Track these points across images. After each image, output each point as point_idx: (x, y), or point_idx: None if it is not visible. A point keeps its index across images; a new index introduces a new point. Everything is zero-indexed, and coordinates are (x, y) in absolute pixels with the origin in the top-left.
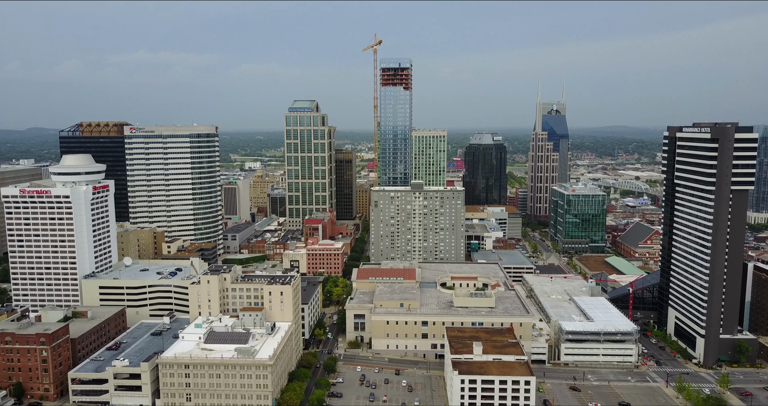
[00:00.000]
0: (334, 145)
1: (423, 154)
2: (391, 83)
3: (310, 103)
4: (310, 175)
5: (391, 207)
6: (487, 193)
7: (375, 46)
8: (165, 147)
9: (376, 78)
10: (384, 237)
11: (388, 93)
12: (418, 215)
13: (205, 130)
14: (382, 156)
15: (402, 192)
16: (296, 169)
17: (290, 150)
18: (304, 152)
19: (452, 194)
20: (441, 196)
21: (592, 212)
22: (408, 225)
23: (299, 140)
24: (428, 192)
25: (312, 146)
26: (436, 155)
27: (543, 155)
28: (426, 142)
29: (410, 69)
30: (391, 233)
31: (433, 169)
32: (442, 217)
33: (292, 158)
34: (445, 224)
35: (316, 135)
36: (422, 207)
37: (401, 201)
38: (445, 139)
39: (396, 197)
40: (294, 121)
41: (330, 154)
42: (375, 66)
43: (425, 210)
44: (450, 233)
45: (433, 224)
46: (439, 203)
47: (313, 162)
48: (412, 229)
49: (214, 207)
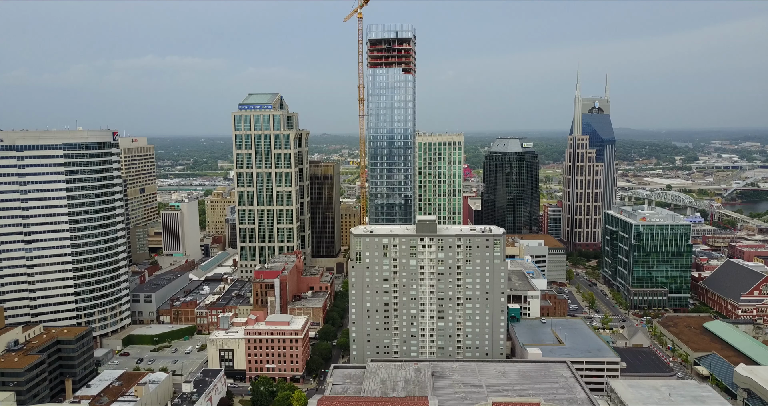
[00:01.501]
0: (306, 155)
1: (431, 167)
2: (384, 63)
3: (270, 98)
4: (270, 200)
5: (384, 262)
6: (514, 215)
7: (359, 10)
8: (21, 164)
9: (361, 56)
10: (372, 314)
11: (380, 78)
12: (430, 276)
13: (92, 138)
14: (372, 171)
15: (402, 237)
16: (249, 192)
17: (241, 164)
18: (260, 167)
19: (485, 241)
20: (467, 244)
21: (672, 249)
22: (412, 292)
23: (253, 150)
24: (446, 237)
25: (273, 158)
26: (449, 169)
27: (583, 166)
28: (435, 151)
29: (413, 42)
30: (385, 306)
31: (444, 189)
32: (470, 279)
33: (243, 177)
34: (474, 290)
35: (278, 142)
36: (436, 262)
37: (401, 251)
38: (461, 146)
39: (393, 246)
40: (246, 122)
41: (300, 168)
42: (359, 38)
43: (441, 267)
44: (483, 305)
45: (455, 291)
46: (463, 255)
47: (274, 181)
48: (420, 299)
49: (110, 251)
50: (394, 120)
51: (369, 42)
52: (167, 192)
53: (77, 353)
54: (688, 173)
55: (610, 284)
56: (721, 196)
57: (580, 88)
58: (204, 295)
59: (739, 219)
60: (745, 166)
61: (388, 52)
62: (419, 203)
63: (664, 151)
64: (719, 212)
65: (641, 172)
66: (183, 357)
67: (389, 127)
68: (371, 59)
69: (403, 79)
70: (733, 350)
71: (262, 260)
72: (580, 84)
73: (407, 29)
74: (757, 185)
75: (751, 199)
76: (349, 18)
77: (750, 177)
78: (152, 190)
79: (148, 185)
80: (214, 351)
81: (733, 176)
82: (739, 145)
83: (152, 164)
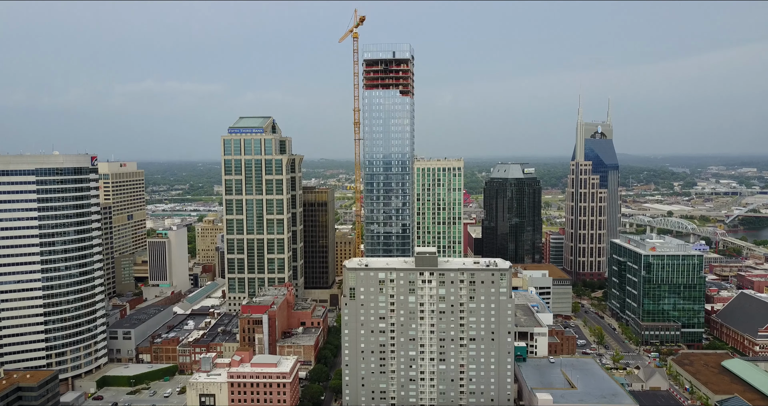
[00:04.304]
0: (300, 181)
1: (430, 194)
2: (380, 85)
3: (262, 121)
4: (260, 229)
5: (380, 299)
6: (516, 243)
7: (354, 30)
8: None
9: (357, 78)
10: (367, 356)
11: (376, 100)
12: (430, 314)
13: (67, 163)
14: (368, 197)
15: (400, 271)
16: (239, 220)
17: (230, 191)
18: (251, 194)
19: (490, 276)
20: (471, 279)
21: (684, 281)
22: (411, 332)
23: (243, 176)
24: (448, 271)
25: (264, 184)
26: (448, 196)
27: (586, 192)
28: (434, 177)
29: (411, 62)
30: (381, 347)
31: (444, 216)
32: (474, 317)
33: (233, 204)
34: (478, 329)
35: (270, 168)
36: (437, 299)
37: (399, 287)
38: (461, 172)
39: (389, 281)
40: (236, 147)
41: (293, 195)
42: (355, 59)
43: (442, 304)
44: (488, 346)
45: (457, 331)
46: (467, 291)
47: (265, 208)
48: (419, 340)
49: (86, 284)
50: (392, 144)
51: (365, 62)
52: (160, 218)
53: (40, 401)
54: (687, 199)
55: (618, 317)
56: (723, 222)
57: (582, 113)
58: (188, 330)
59: (745, 247)
60: (745, 192)
61: (384, 73)
62: (418, 231)
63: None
64: (724, 240)
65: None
66: (161, 401)
67: (386, 152)
68: (367, 81)
69: (400, 102)
70: (756, 393)
71: (252, 292)
72: (582, 109)
73: (405, 49)
74: (759, 211)
75: (753, 225)
76: (344, 38)
77: (751, 203)
78: (141, 217)
79: (137, 211)
80: (194, 396)
81: (733, 202)
82: (736, 171)
83: (141, 190)
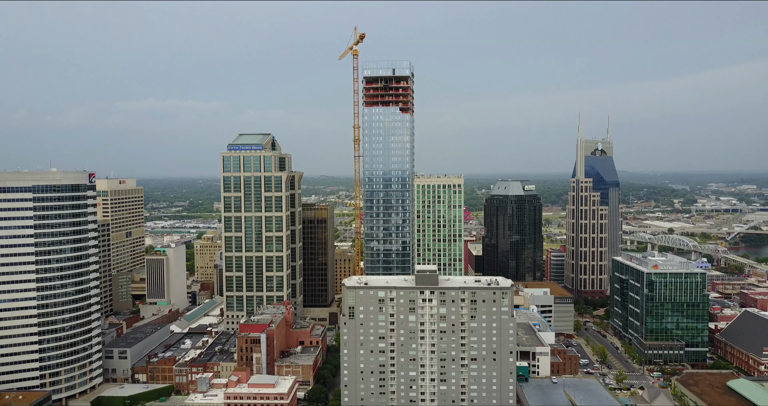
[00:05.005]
0: (299, 198)
1: (430, 211)
2: (380, 102)
3: (261, 138)
4: (259, 247)
5: (379, 318)
6: (517, 261)
7: (354, 47)
8: None
9: (357, 95)
10: (366, 377)
11: (375, 117)
12: (431, 334)
13: (65, 180)
14: (368, 214)
15: (400, 289)
16: (237, 237)
17: (229, 208)
18: (249, 211)
19: (492, 295)
20: (472, 298)
21: (687, 299)
22: (411, 352)
23: (242, 193)
24: (449, 290)
25: (263, 201)
26: (448, 213)
27: (587, 210)
28: (434, 194)
29: (411, 80)
30: (381, 367)
31: (444, 234)
32: (475, 336)
33: (231, 221)
34: (479, 349)
35: (269, 185)
36: (438, 318)
37: (399, 306)
38: (462, 189)
39: (389, 300)
40: (236, 163)
41: (293, 212)
42: (355, 76)
43: (443, 324)
44: (490, 366)
45: (458, 351)
46: (468, 310)
47: (264, 226)
48: (420, 360)
49: (81, 302)
50: (391, 161)
51: (365, 80)
52: (160, 235)
53: None
54: (688, 216)
55: (620, 335)
56: (724, 239)
57: (582, 130)
58: (185, 350)
59: (747, 264)
60: (745, 209)
61: (384, 90)
62: (418, 248)
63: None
64: (725, 257)
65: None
66: None
67: (386, 169)
68: (367, 98)
69: (400, 119)
70: None
71: (250, 311)
72: (582, 126)
73: (405, 66)
74: (760, 229)
75: (754, 243)
76: (344, 56)
77: (752, 220)
78: (140, 234)
79: (136, 228)
80: None
81: (733, 219)
82: (735, 188)
83: (140, 207)
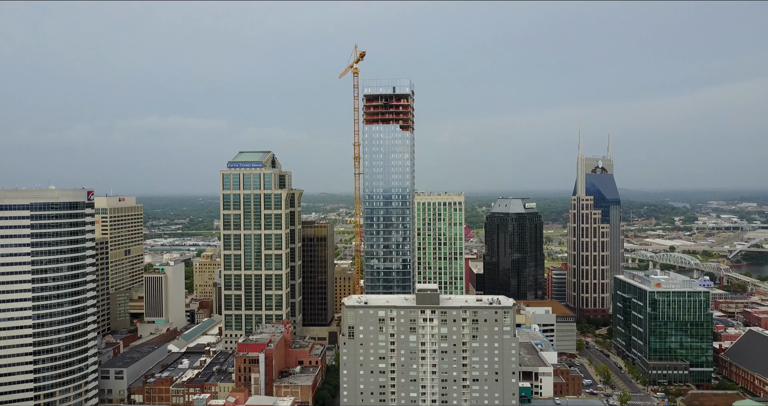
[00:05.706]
0: (299, 216)
1: (431, 228)
2: (380, 119)
3: (262, 156)
4: (258, 265)
5: (380, 338)
6: (518, 279)
7: (355, 65)
8: None
9: (357, 112)
10: (366, 398)
11: (376, 135)
12: (432, 354)
13: (63, 198)
14: (368, 232)
15: (401, 309)
16: (236, 255)
17: (228, 225)
18: (249, 229)
19: (494, 314)
20: (473, 318)
21: (691, 318)
22: (412, 373)
23: (242, 211)
24: (450, 309)
25: (263, 219)
26: (449, 230)
27: (588, 227)
28: (435, 211)
29: (411, 98)
30: (381, 388)
31: (445, 252)
32: (477, 357)
33: (230, 239)
34: (481, 369)
35: (269, 202)
36: (439, 338)
37: (400, 326)
38: (462, 206)
39: (390, 319)
40: (235, 181)
41: (292, 230)
42: (355, 94)
43: (444, 344)
44: (492, 387)
45: (460, 371)
46: (470, 330)
47: (263, 244)
48: (420, 381)
49: (78, 321)
50: (392, 179)
51: (365, 97)
52: (159, 252)
53: None
54: (689, 234)
55: (624, 355)
56: (726, 257)
57: (583, 148)
58: (182, 369)
59: (750, 282)
60: (746, 227)
61: (385, 108)
62: (418, 266)
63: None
64: (728, 275)
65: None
66: None
67: (386, 187)
68: (367, 116)
69: (401, 137)
70: None
71: (249, 330)
72: (582, 144)
73: (405, 84)
74: (761, 247)
75: (756, 261)
76: (344, 74)
77: (753, 238)
78: (139, 252)
79: (135, 246)
80: None
81: (735, 237)
82: (736, 206)
83: (140, 224)
